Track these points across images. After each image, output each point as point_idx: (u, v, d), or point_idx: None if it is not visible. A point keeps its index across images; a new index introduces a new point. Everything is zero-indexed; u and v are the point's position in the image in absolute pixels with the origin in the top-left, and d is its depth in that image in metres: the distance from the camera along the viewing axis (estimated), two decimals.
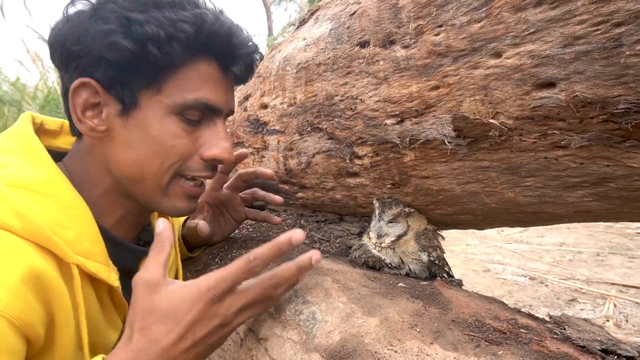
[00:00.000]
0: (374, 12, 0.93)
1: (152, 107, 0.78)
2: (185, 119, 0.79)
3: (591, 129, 0.71)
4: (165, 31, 0.73)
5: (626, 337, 2.43)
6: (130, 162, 0.80)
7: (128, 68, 0.75)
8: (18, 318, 0.61)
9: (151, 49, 0.73)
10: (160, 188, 0.82)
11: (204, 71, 0.80)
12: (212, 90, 0.81)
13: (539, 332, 0.74)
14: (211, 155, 0.82)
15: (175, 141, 0.79)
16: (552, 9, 0.67)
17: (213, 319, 0.68)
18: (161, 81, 0.77)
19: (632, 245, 4.22)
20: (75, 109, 0.78)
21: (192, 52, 0.77)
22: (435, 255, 1.01)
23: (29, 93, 6.90)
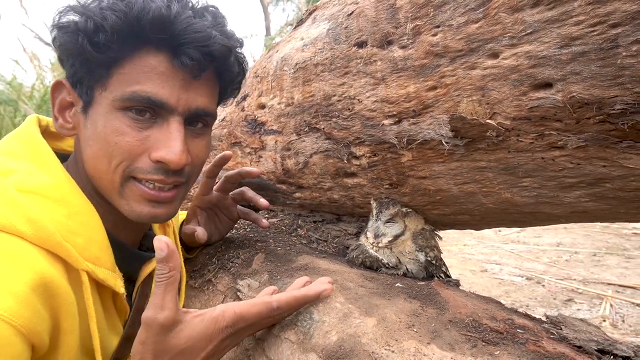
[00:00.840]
0: (371, 13, 0.93)
1: (101, 104, 0.76)
2: (130, 116, 0.75)
3: (588, 129, 0.71)
4: (93, 22, 0.70)
5: (623, 337, 2.43)
6: (88, 161, 0.79)
7: (80, 65, 0.75)
8: (25, 326, 0.61)
9: (81, 41, 0.71)
10: (115, 189, 0.78)
11: (148, 64, 0.74)
12: (156, 84, 0.74)
13: (535, 333, 0.74)
14: (156, 157, 0.76)
15: (117, 138, 0.75)
16: (550, 10, 0.68)
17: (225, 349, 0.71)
18: (106, 77, 0.74)
19: (628, 245, 4.23)
20: (54, 107, 0.80)
21: (130, 44, 0.73)
22: (432, 256, 1.01)
23: (26, 93, 6.88)
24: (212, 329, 0.66)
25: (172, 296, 0.65)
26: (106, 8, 0.71)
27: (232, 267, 1.06)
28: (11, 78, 6.96)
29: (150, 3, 0.71)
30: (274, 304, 0.71)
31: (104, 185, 0.79)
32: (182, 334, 0.65)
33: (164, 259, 0.65)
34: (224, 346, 0.69)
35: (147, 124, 0.76)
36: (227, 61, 0.81)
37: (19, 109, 6.32)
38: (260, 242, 1.15)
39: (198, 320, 0.67)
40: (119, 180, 0.77)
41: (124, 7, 0.70)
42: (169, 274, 0.65)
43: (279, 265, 1.00)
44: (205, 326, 0.66)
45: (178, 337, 0.65)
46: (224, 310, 0.68)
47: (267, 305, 0.70)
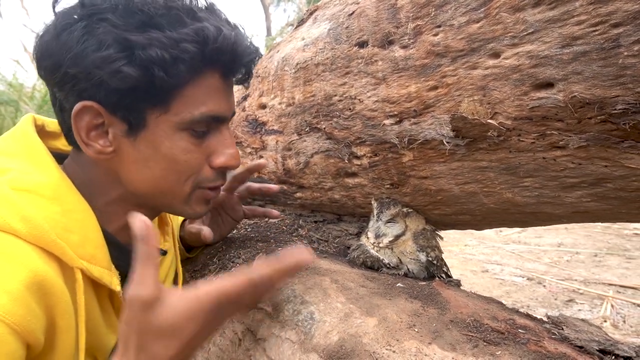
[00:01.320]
0: (372, 12, 0.93)
1: (160, 126, 0.76)
2: (193, 133, 0.79)
3: (589, 129, 0.71)
4: (169, 53, 0.70)
5: (623, 337, 2.43)
6: (146, 181, 0.80)
7: (133, 92, 0.72)
8: (19, 324, 0.61)
9: (157, 72, 0.70)
10: (182, 199, 0.84)
11: (209, 84, 0.78)
12: (217, 102, 0.80)
13: (536, 332, 0.74)
14: (219, 164, 0.83)
15: (187, 156, 0.79)
16: (551, 9, 0.67)
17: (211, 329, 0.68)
18: (168, 101, 0.75)
19: (629, 246, 4.23)
20: (80, 132, 0.75)
21: (198, 69, 0.76)
22: (433, 256, 1.01)
23: (27, 93, 6.89)
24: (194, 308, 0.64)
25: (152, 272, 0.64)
26: (180, 39, 0.71)
27: (233, 266, 1.05)
28: (12, 78, 6.96)
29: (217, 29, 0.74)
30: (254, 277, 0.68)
31: (168, 199, 0.83)
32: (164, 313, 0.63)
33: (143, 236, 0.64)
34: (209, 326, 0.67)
35: (203, 137, 0.81)
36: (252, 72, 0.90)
37: (20, 109, 6.33)
38: (261, 242, 1.15)
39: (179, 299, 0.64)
40: (189, 191, 0.83)
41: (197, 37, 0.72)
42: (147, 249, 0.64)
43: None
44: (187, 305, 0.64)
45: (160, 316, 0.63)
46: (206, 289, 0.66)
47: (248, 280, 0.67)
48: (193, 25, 0.73)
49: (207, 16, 0.77)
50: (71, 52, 0.70)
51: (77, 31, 0.70)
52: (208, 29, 0.73)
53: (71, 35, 0.70)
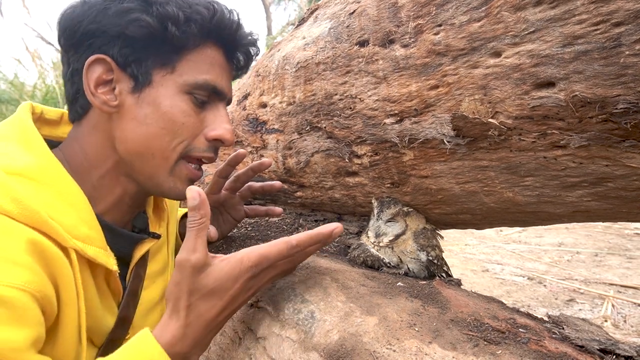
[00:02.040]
0: (373, 11, 0.93)
1: (165, 85, 0.82)
2: (194, 99, 0.83)
3: (590, 128, 0.71)
4: (184, 12, 0.78)
5: (624, 337, 2.43)
6: (140, 139, 0.82)
7: (145, 46, 0.79)
8: (39, 291, 0.64)
9: (170, 27, 0.77)
10: (168, 166, 0.85)
11: (212, 56, 0.85)
12: (219, 75, 0.86)
13: (537, 332, 0.74)
14: (215, 135, 0.86)
15: (185, 119, 0.83)
16: (552, 8, 0.67)
17: (249, 290, 0.75)
18: (175, 61, 0.81)
19: (630, 245, 4.22)
20: (89, 83, 0.80)
21: (205, 36, 0.83)
22: (433, 255, 1.01)
23: (28, 92, 6.90)
24: (237, 269, 0.71)
25: (203, 240, 0.71)
26: (194, 3, 0.81)
27: None
28: (13, 77, 6.97)
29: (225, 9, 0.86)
30: (292, 241, 0.75)
31: (154, 162, 0.84)
32: (211, 275, 0.70)
33: (196, 206, 0.70)
34: (249, 286, 0.74)
35: (203, 107, 0.86)
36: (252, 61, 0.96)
37: None
38: (261, 241, 1.15)
39: (224, 263, 0.72)
40: (175, 157, 0.84)
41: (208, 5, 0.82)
42: (200, 219, 0.71)
43: None
44: (231, 267, 0.71)
45: (207, 277, 0.70)
46: (248, 252, 0.73)
47: (286, 243, 0.75)
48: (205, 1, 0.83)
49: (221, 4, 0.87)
50: (94, 9, 0.78)
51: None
52: (218, 3, 0.84)
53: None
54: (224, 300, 0.72)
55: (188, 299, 0.70)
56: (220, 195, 1.12)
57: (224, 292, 0.71)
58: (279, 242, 0.75)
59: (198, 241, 0.70)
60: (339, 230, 0.82)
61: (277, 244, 0.75)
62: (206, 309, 0.71)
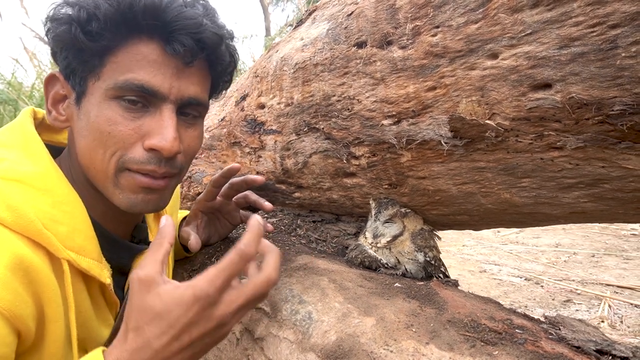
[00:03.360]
0: (371, 13, 0.93)
1: (94, 94, 0.76)
2: (123, 105, 0.75)
3: (587, 130, 0.71)
4: (86, 11, 0.71)
5: (621, 337, 2.43)
6: (82, 152, 0.79)
7: (73, 56, 0.75)
8: (7, 309, 0.61)
9: (74, 31, 0.72)
10: (109, 179, 0.78)
11: (140, 52, 0.74)
12: (148, 72, 0.74)
13: (534, 333, 0.74)
14: (148, 145, 0.76)
15: (110, 127, 0.75)
16: (549, 10, 0.68)
17: (210, 321, 0.65)
18: (100, 66, 0.75)
19: (626, 246, 4.23)
20: (47, 100, 0.80)
21: (122, 32, 0.73)
22: (431, 256, 1.01)
23: (26, 92, 6.88)
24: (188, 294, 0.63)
25: (155, 259, 0.65)
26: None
27: None
28: (11, 77, 6.95)
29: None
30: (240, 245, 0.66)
31: (98, 175, 0.79)
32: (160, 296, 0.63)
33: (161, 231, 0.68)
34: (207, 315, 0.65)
35: (140, 112, 0.76)
36: (218, 50, 0.81)
37: (19, 108, 6.31)
38: None
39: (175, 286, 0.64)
40: (113, 170, 0.77)
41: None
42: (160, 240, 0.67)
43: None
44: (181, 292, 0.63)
45: (155, 298, 0.63)
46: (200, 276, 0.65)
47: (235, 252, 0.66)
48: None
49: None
50: None
51: None
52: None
53: None
54: (176, 329, 0.63)
55: (135, 320, 0.63)
56: (215, 202, 1.12)
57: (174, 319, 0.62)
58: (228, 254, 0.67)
59: (151, 257, 0.66)
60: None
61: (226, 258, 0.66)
62: (155, 335, 0.62)
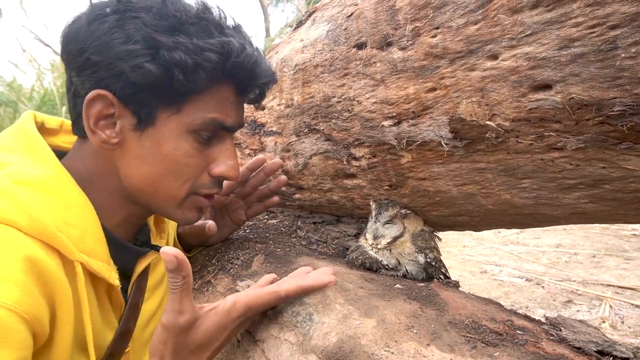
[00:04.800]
0: (371, 14, 0.94)
1: (168, 126, 0.78)
2: (198, 138, 0.81)
3: (587, 130, 0.71)
4: (192, 59, 0.73)
5: (622, 338, 2.43)
6: (144, 177, 0.81)
7: (150, 89, 0.75)
8: (29, 313, 0.62)
9: (177, 75, 0.73)
10: (176, 203, 0.84)
11: (223, 95, 0.81)
12: (227, 112, 0.82)
13: (535, 334, 0.74)
14: (218, 173, 0.85)
15: (188, 160, 0.81)
16: (548, 11, 0.68)
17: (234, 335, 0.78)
18: (182, 103, 0.78)
19: (627, 246, 4.23)
20: (89, 119, 0.77)
21: (217, 80, 0.79)
22: (432, 257, 1.01)
23: (25, 94, 6.89)
24: (225, 320, 0.72)
25: (189, 299, 0.70)
26: (205, 48, 0.74)
27: (232, 268, 1.06)
28: (11, 79, 6.96)
29: (242, 46, 0.78)
30: (281, 292, 0.76)
31: (160, 199, 0.83)
32: (200, 329, 0.71)
33: (175, 269, 0.67)
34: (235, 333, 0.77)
35: (207, 144, 0.83)
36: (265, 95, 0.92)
37: (19, 110, 6.32)
38: (260, 243, 1.15)
39: (212, 313, 0.72)
40: (183, 196, 0.84)
41: (221, 49, 0.75)
42: (182, 282, 0.69)
43: (279, 266, 1.00)
44: (219, 318, 0.72)
45: (196, 333, 0.71)
46: (234, 301, 0.74)
47: (275, 294, 0.76)
48: (219, 38, 0.76)
49: (234, 33, 0.81)
50: (98, 40, 0.73)
51: (108, 22, 0.74)
52: (233, 43, 0.76)
53: (102, 25, 0.74)
54: (210, 351, 0.73)
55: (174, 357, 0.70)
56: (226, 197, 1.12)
57: (212, 343, 0.73)
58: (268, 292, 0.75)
59: (184, 302, 0.70)
60: (332, 284, 0.83)
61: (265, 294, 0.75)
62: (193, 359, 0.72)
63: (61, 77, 6.47)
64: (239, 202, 1.15)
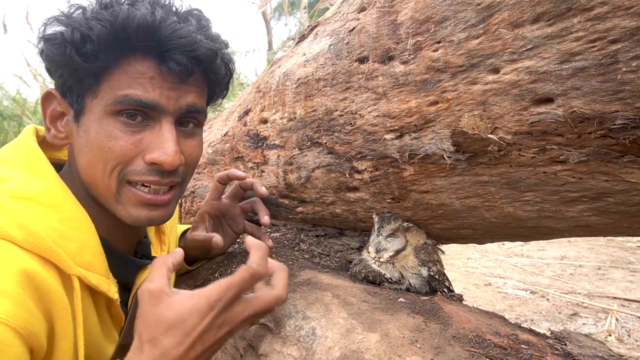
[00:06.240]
0: (372, 28, 0.94)
1: (93, 111, 0.77)
2: (122, 120, 0.76)
3: (589, 144, 0.71)
4: (80, 32, 0.72)
5: (629, 351, 2.41)
6: (84, 168, 0.80)
7: (68, 75, 0.76)
8: (24, 327, 0.62)
9: (69, 52, 0.72)
10: (111, 194, 0.79)
11: (137, 70, 0.75)
12: (146, 88, 0.75)
13: (539, 348, 0.73)
14: (150, 159, 0.78)
15: (110, 143, 0.76)
16: (549, 25, 0.68)
17: (222, 327, 0.69)
18: (97, 84, 0.76)
19: (633, 259, 4.20)
20: (45, 118, 0.81)
21: (117, 52, 0.74)
22: (435, 270, 1.00)
23: (30, 108, 6.93)
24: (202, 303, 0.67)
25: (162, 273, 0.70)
26: (91, 18, 0.73)
27: None
28: (15, 93, 7.01)
29: (134, 10, 0.72)
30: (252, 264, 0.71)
31: (100, 191, 0.80)
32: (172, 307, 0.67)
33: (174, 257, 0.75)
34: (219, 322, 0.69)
35: (139, 127, 0.78)
36: (213, 63, 0.82)
37: (23, 124, 6.37)
38: None
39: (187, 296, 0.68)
40: (115, 184, 0.79)
41: (108, 15, 0.72)
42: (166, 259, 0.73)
43: None
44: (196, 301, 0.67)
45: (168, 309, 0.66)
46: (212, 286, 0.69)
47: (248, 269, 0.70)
48: (114, 8, 0.73)
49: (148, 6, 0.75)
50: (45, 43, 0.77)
51: None
52: (122, 10, 0.72)
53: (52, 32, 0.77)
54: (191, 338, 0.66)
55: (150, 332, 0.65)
56: (221, 203, 1.12)
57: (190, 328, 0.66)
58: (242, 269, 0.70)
59: (156, 272, 0.70)
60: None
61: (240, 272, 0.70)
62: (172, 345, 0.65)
63: None
64: (236, 209, 1.13)
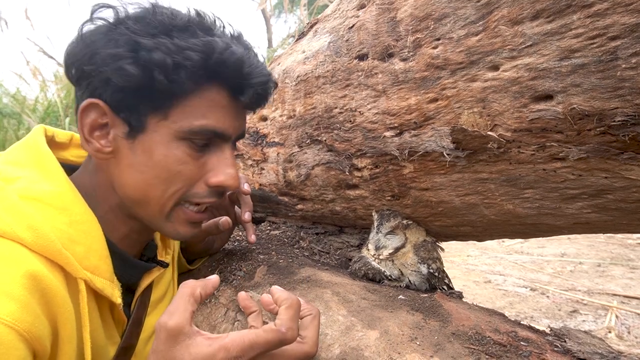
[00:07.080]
0: (372, 26, 0.94)
1: (158, 132, 0.77)
2: (191, 145, 0.78)
3: (589, 141, 0.71)
4: (172, 58, 0.72)
5: (629, 348, 2.41)
6: (135, 186, 0.79)
7: (135, 93, 0.74)
8: (28, 331, 0.61)
9: (157, 75, 0.72)
10: (164, 213, 0.81)
11: (213, 98, 0.78)
12: (219, 118, 0.79)
13: (539, 345, 0.73)
14: (216, 182, 0.81)
15: (180, 167, 0.78)
16: (548, 22, 0.68)
17: None
18: (168, 107, 0.76)
19: (633, 255, 4.21)
20: (83, 129, 0.77)
21: (201, 80, 0.77)
22: (434, 267, 1.01)
23: (29, 105, 6.92)
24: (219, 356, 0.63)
25: (186, 308, 0.65)
26: (186, 47, 0.73)
27: (234, 279, 1.05)
28: (14, 91, 7.00)
29: (227, 45, 0.76)
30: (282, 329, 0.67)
31: (150, 209, 0.81)
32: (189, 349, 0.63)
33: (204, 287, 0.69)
34: None
35: (202, 151, 0.80)
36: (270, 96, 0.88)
37: (22, 122, 6.36)
38: (262, 254, 1.15)
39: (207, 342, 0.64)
40: (171, 204, 0.81)
41: (203, 47, 0.74)
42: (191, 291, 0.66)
43: (281, 277, 1.00)
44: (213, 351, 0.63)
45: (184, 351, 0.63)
46: (234, 338, 0.65)
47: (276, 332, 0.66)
48: (203, 38, 0.75)
49: (223, 35, 0.80)
50: (89, 49, 0.74)
51: (99, 34, 0.75)
52: (216, 42, 0.75)
53: (93, 37, 0.75)
54: None
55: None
56: None
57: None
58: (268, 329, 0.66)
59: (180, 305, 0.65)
60: None
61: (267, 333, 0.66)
62: None
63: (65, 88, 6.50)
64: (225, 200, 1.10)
